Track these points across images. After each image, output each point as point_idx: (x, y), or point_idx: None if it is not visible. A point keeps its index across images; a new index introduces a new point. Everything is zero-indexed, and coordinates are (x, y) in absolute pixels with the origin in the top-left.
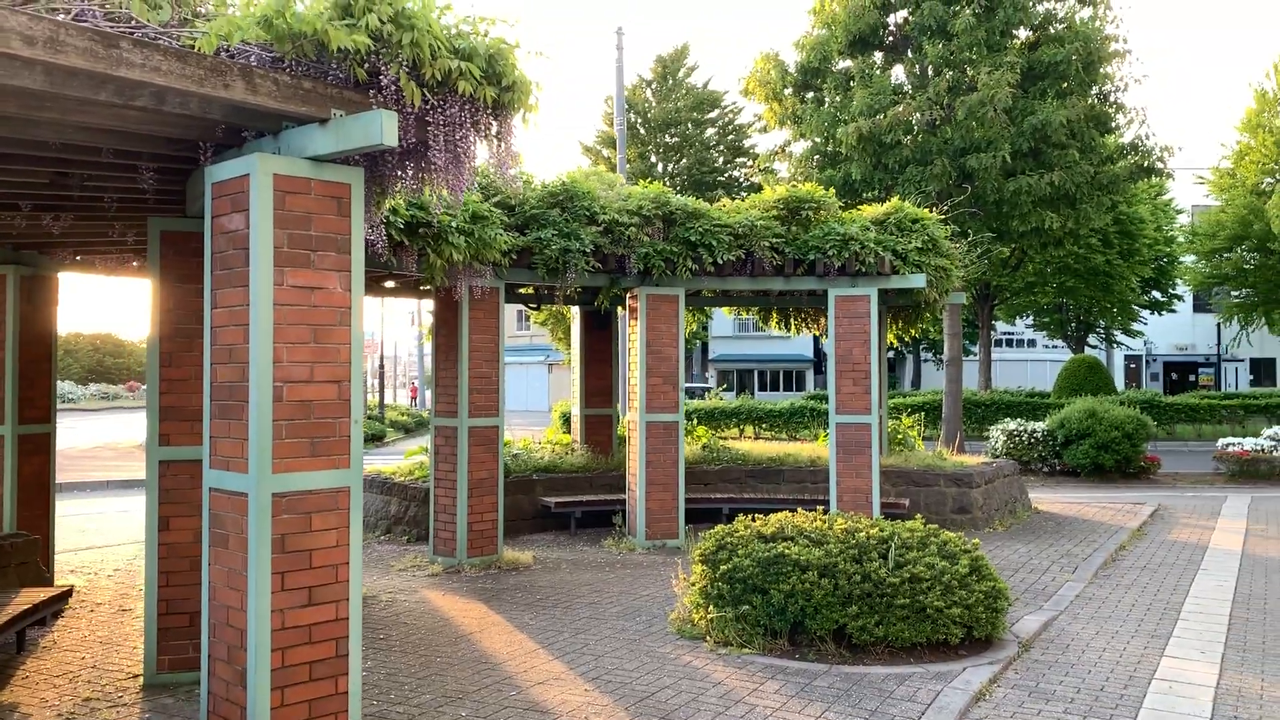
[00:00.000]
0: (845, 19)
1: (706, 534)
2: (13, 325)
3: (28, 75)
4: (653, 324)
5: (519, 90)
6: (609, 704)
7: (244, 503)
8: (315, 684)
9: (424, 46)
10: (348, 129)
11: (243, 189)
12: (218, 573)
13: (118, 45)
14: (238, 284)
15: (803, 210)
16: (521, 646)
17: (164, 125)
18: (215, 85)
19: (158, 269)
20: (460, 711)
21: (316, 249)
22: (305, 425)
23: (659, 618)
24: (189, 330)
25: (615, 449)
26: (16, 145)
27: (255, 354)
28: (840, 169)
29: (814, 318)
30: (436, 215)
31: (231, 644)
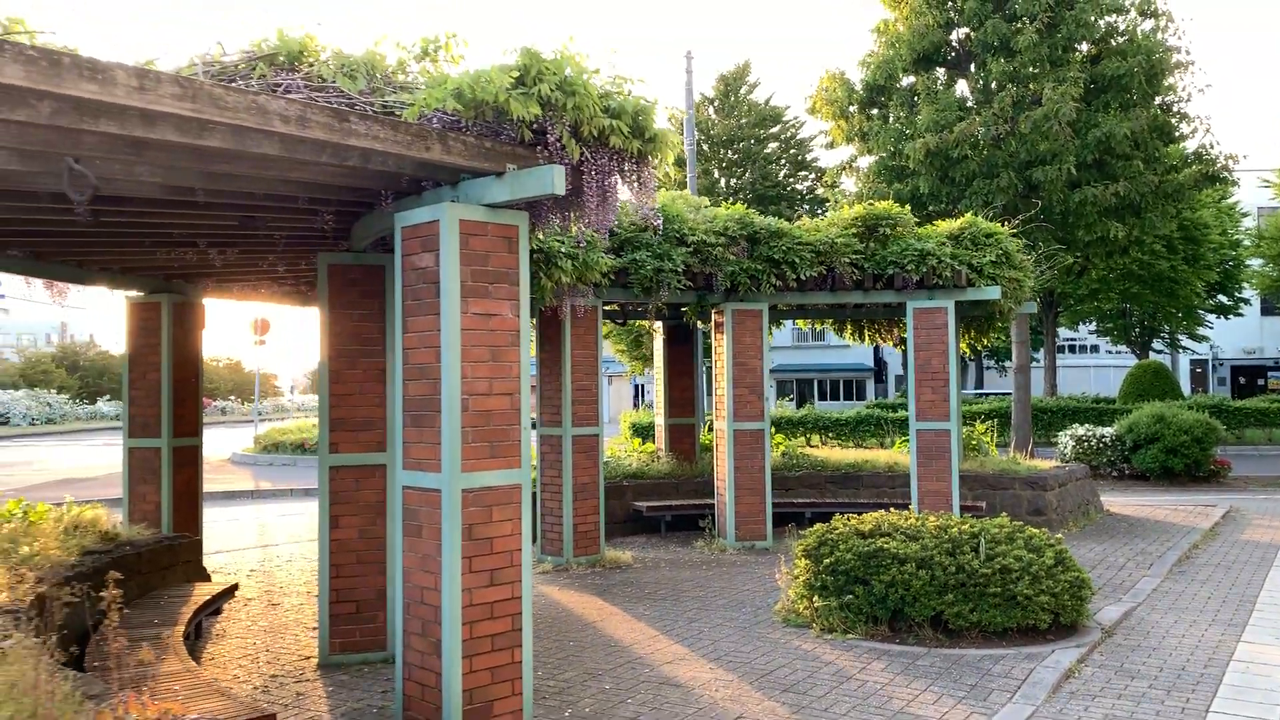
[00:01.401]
0: (909, 38)
1: (808, 532)
2: (166, 348)
3: (269, 144)
4: (738, 337)
5: (659, 142)
6: (734, 679)
7: (437, 498)
8: (496, 654)
9: (584, 109)
10: (522, 181)
11: (433, 232)
12: (411, 559)
13: (348, 119)
14: (428, 312)
15: (880, 227)
16: (642, 633)
17: (358, 178)
18: (418, 148)
19: (326, 298)
20: (604, 685)
21: (493, 282)
22: (486, 431)
23: (763, 609)
24: (352, 351)
25: (698, 456)
26: (228, 195)
27: (446, 371)
28: (908, 183)
29: (887, 329)
30: (547, 241)
31: (426, 619)
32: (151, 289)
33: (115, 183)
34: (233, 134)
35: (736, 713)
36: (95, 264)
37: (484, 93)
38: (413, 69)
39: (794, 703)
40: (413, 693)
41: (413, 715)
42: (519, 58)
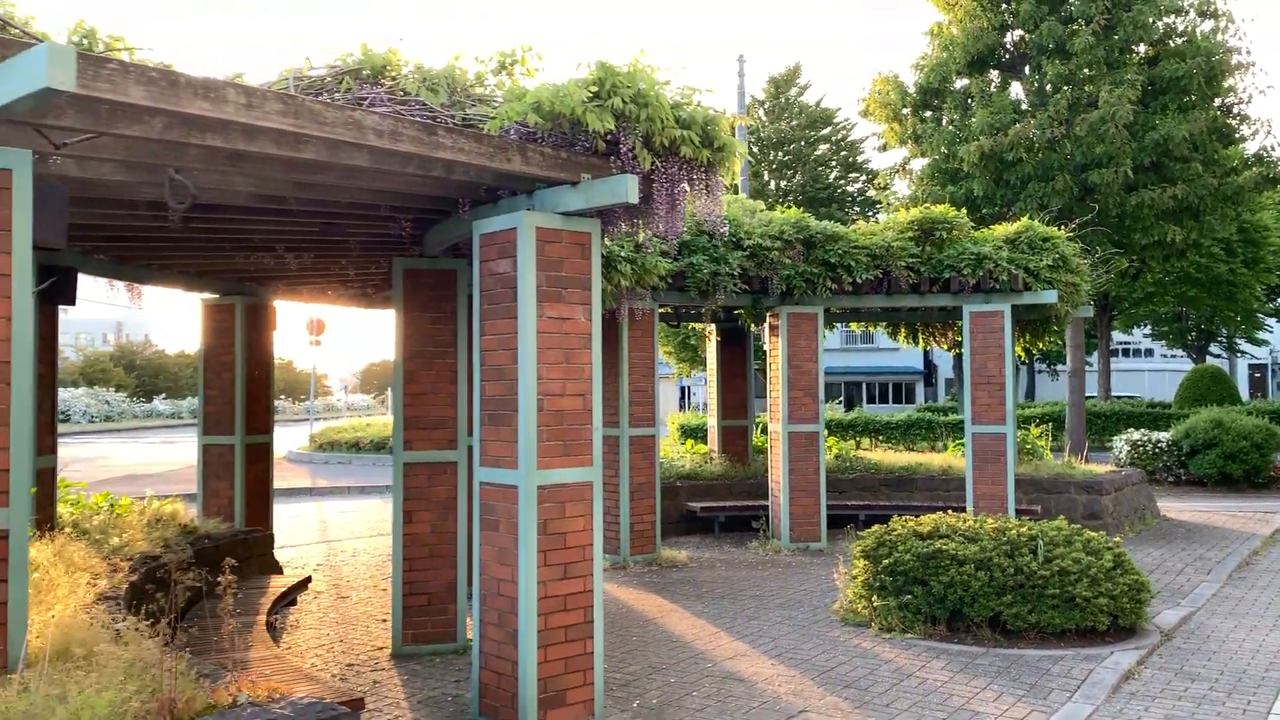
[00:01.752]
0: (964, 40)
1: (865, 533)
2: (240, 348)
3: (360, 156)
4: (793, 340)
5: (727, 151)
6: (796, 675)
7: (514, 494)
8: (570, 644)
9: (656, 120)
10: (596, 190)
11: (511, 239)
12: (489, 552)
13: (435, 133)
14: (505, 316)
15: (936, 231)
16: (703, 629)
17: (438, 187)
18: (500, 160)
19: (401, 302)
20: (668, 678)
21: (566, 287)
22: (560, 430)
23: (821, 608)
24: (425, 352)
25: (751, 458)
26: (313, 203)
27: (522, 373)
28: (961, 186)
29: (942, 331)
30: (608, 246)
31: (503, 610)
32: (225, 291)
33: (209, 191)
34: (327, 147)
35: (800, 707)
36: (175, 267)
37: (562, 105)
38: (489, 82)
39: (855, 698)
40: (489, 681)
41: (489, 703)
42: (594, 71)
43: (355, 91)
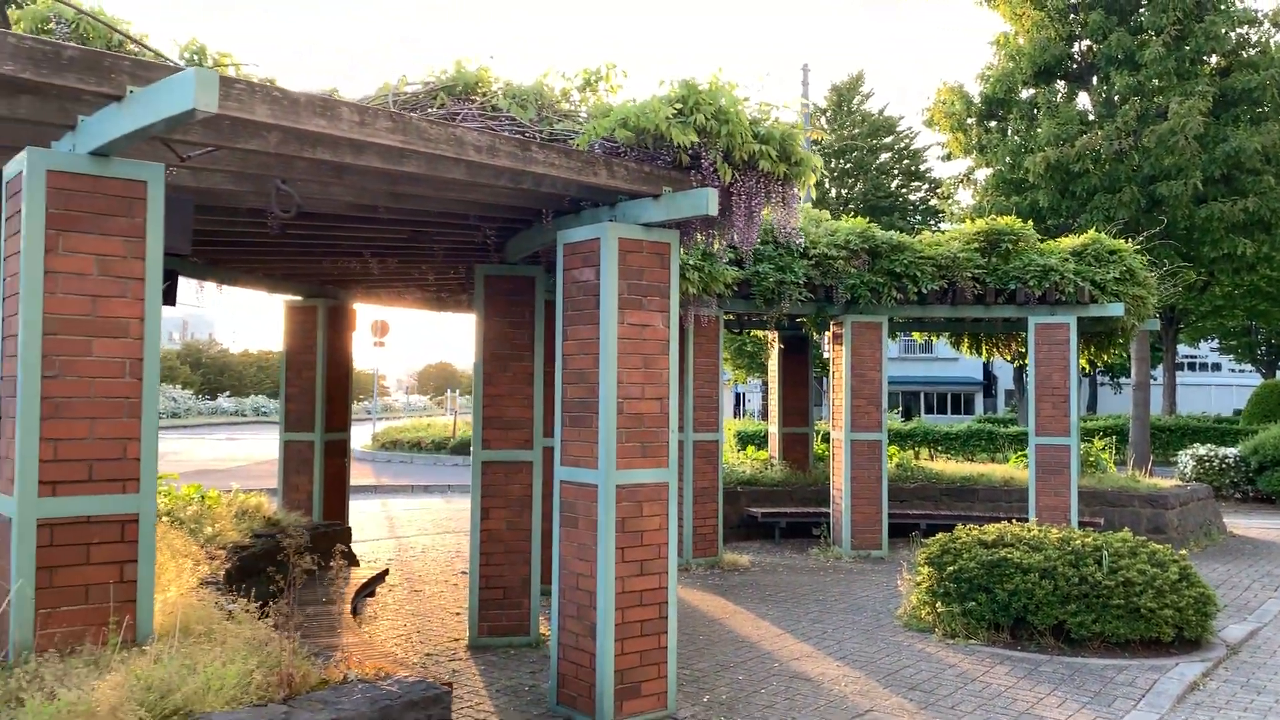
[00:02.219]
0: (1030, 51)
1: (930, 540)
2: (321, 349)
3: (457, 170)
4: (857, 349)
5: (803, 165)
6: (861, 677)
7: (593, 492)
8: (645, 638)
9: (736, 135)
10: (677, 202)
11: (594, 249)
12: (568, 547)
13: (529, 148)
14: (587, 321)
15: (1002, 242)
16: (767, 631)
17: (525, 199)
18: (588, 173)
19: (481, 307)
20: (736, 676)
21: (646, 295)
22: (638, 432)
23: (884, 613)
24: (503, 355)
25: (812, 465)
26: (406, 212)
27: (604, 377)
28: (1026, 196)
29: (1005, 343)
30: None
31: (581, 604)
32: (308, 294)
33: (311, 200)
34: (428, 161)
35: (866, 706)
36: (263, 270)
37: (647, 121)
38: (574, 98)
39: (921, 700)
40: (567, 671)
41: (567, 692)
42: (677, 89)
43: (449, 107)
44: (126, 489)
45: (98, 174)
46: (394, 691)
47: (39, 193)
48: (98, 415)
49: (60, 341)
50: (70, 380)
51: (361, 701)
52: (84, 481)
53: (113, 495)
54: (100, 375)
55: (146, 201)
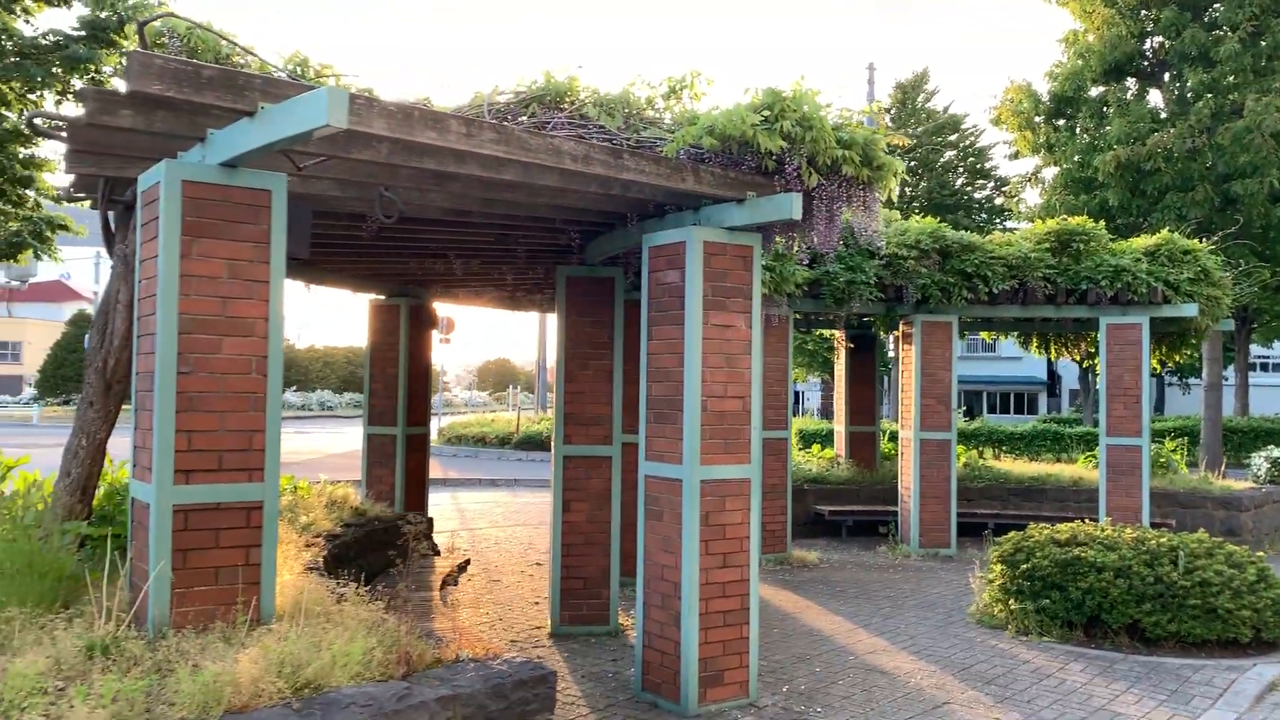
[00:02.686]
0: (1100, 48)
1: (1002, 539)
2: (403, 346)
3: (551, 177)
4: (927, 349)
5: (885, 170)
6: (936, 670)
7: (678, 487)
8: (727, 629)
9: (820, 141)
10: (761, 207)
11: (679, 252)
12: (653, 540)
13: (621, 156)
14: (672, 322)
15: (1074, 242)
16: (840, 626)
17: (611, 204)
18: (676, 180)
19: (563, 307)
20: (813, 668)
21: (729, 296)
22: (721, 430)
23: (956, 610)
24: (583, 354)
25: (878, 464)
26: (496, 216)
27: (688, 375)
28: (1095, 195)
29: (1074, 342)
30: None
31: (666, 594)
32: (391, 293)
33: (409, 206)
34: (524, 169)
35: (943, 699)
36: (350, 270)
37: (734, 129)
38: (659, 105)
39: (996, 694)
40: (651, 659)
41: (652, 679)
42: (761, 96)
43: (539, 116)
44: (252, 478)
45: (227, 183)
46: (504, 671)
47: (175, 202)
48: (227, 409)
49: (194, 340)
50: (203, 376)
51: (475, 679)
52: (214, 470)
53: (239, 484)
54: (230, 371)
55: (271, 209)
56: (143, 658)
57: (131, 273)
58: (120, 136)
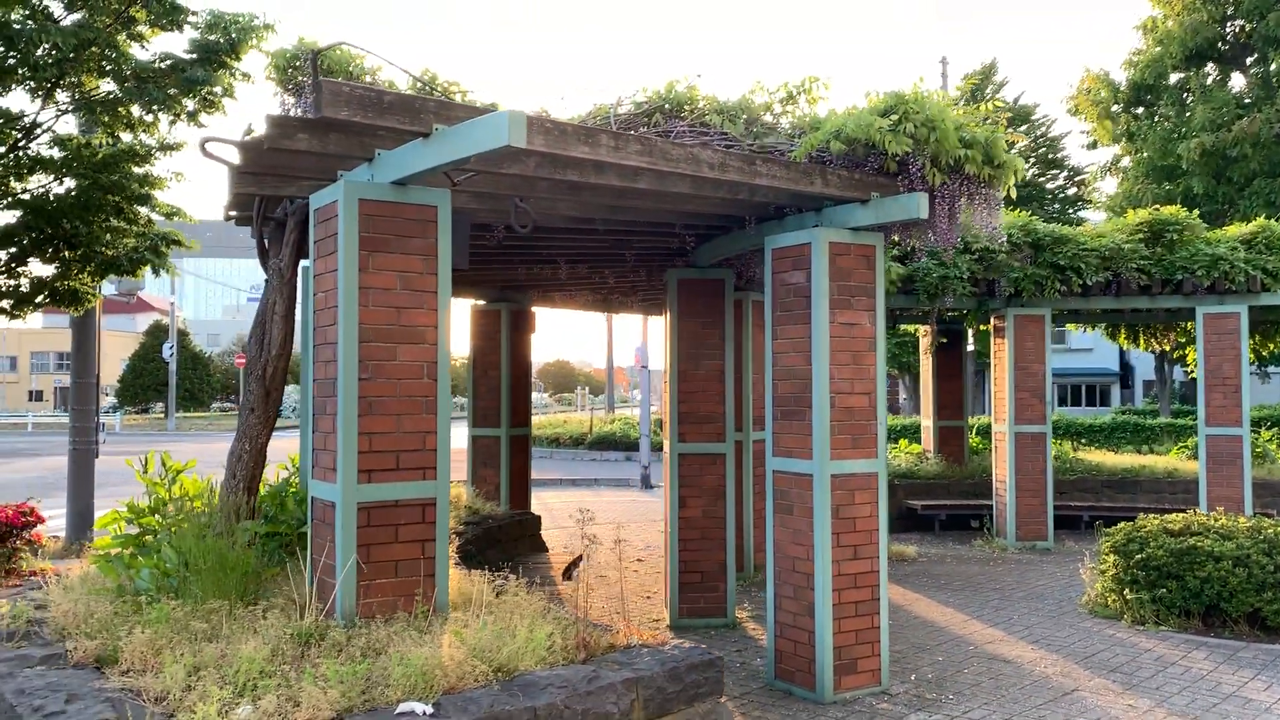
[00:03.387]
0: (1181, 34)
1: (1112, 530)
2: (505, 350)
3: (682, 184)
4: (1020, 342)
5: (1006, 168)
6: (1058, 659)
7: (809, 481)
8: (859, 618)
9: (943, 142)
10: (886, 207)
11: (804, 253)
12: (783, 533)
13: (754, 163)
14: (798, 321)
15: (1167, 232)
16: (953, 617)
17: (733, 207)
18: (804, 183)
19: (675, 309)
20: (935, 657)
21: (854, 295)
22: (848, 425)
23: (1065, 601)
24: (696, 354)
25: (967, 458)
26: (617, 223)
27: (816, 373)
28: (1179, 183)
29: (1164, 333)
30: None
31: (798, 585)
32: (491, 298)
33: (540, 216)
34: (658, 178)
35: (1071, 686)
36: (457, 276)
37: (861, 132)
38: (776, 110)
39: (1123, 681)
40: (784, 648)
41: (784, 668)
42: (885, 99)
43: (662, 125)
44: (426, 476)
45: (399, 200)
46: (677, 655)
47: (353, 219)
48: (403, 412)
49: (373, 348)
50: (381, 381)
51: (652, 663)
52: (393, 470)
53: (415, 482)
54: (404, 377)
55: (437, 224)
56: (347, 644)
57: (286, 285)
58: (288, 158)
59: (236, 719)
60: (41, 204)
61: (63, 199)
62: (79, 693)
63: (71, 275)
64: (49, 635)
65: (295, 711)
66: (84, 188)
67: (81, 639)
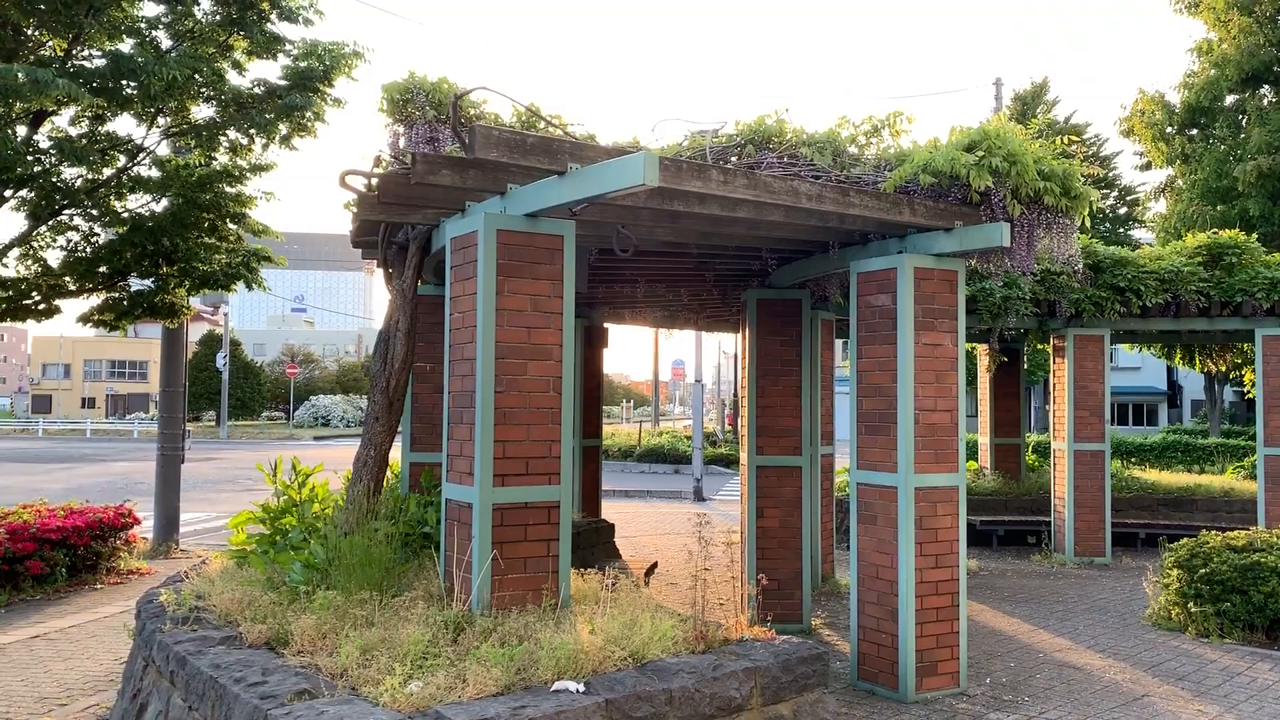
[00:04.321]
0: (1237, 57)
1: (1176, 545)
2: (580, 364)
3: (777, 214)
4: (1079, 361)
5: (1081, 200)
6: (1126, 667)
7: (893, 493)
8: (940, 624)
9: (1024, 175)
10: (970, 235)
11: (890, 277)
12: (867, 542)
13: (848, 194)
14: (883, 342)
15: (1226, 255)
16: (1019, 627)
17: (818, 234)
18: (893, 213)
19: (753, 327)
20: (1008, 663)
21: (937, 317)
22: (931, 440)
23: (1128, 614)
24: (773, 371)
25: (1024, 475)
26: (706, 248)
27: (901, 391)
28: (1234, 205)
29: (1220, 353)
30: None
31: (882, 592)
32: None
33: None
34: (757, 208)
35: (1141, 692)
36: None
37: (948, 166)
38: (860, 142)
39: (1191, 689)
40: (867, 651)
41: (867, 669)
42: (969, 134)
43: (753, 156)
44: (551, 481)
45: (531, 231)
46: (788, 648)
47: (492, 248)
48: (532, 422)
49: (507, 364)
50: (514, 395)
51: (767, 654)
52: (523, 475)
53: (542, 486)
54: (533, 390)
55: (563, 251)
56: (493, 631)
57: (409, 304)
58: (422, 190)
59: (410, 693)
60: (142, 221)
61: (161, 217)
62: (269, 667)
63: (170, 289)
64: (214, 620)
65: (464, 687)
66: (180, 206)
67: (250, 623)
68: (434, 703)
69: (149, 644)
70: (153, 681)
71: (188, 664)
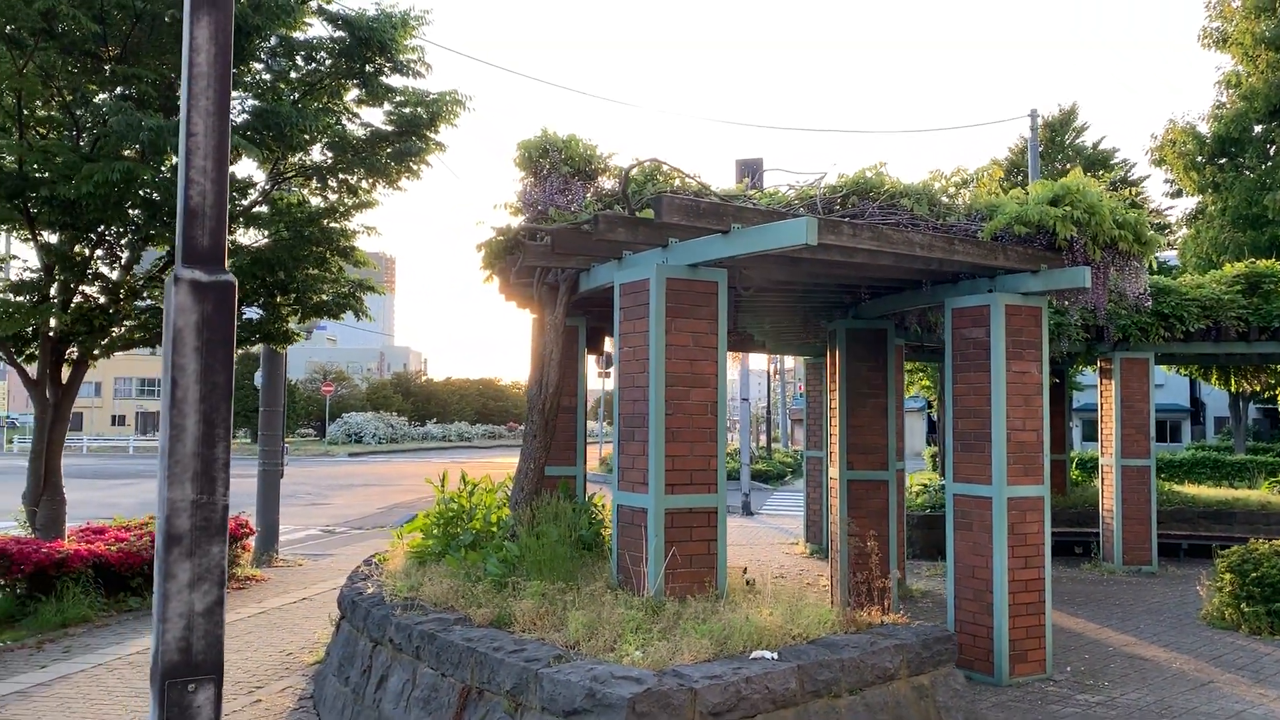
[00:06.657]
0: (1265, 91)
1: (1228, 551)
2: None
3: (887, 259)
4: (1126, 382)
5: (1150, 245)
6: (1188, 659)
7: (987, 503)
8: (1028, 617)
9: (1102, 224)
10: (1055, 278)
11: (982, 313)
12: (963, 545)
13: (954, 243)
14: (976, 369)
15: (1263, 283)
16: (1085, 626)
17: (913, 274)
18: (990, 258)
19: (843, 353)
20: (1083, 655)
21: (1024, 348)
22: (1020, 457)
23: (1183, 615)
24: (861, 393)
25: (1069, 489)
26: (814, 286)
27: (995, 413)
28: (1265, 232)
29: (1254, 374)
30: None
31: (977, 589)
32: None
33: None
34: (872, 254)
35: (1206, 679)
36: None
37: (1037, 217)
38: (951, 193)
39: (1251, 676)
40: (964, 641)
41: (964, 658)
42: (1053, 188)
43: (855, 205)
44: (710, 490)
45: (691, 278)
46: (924, 630)
47: (661, 293)
48: (694, 440)
49: (674, 391)
50: (679, 416)
51: (909, 634)
52: (687, 484)
53: (702, 494)
54: (695, 413)
55: (718, 295)
56: (680, 614)
57: (562, 336)
58: (592, 243)
59: (638, 658)
60: (259, 254)
61: (275, 251)
62: (514, 640)
63: (283, 318)
64: (429, 607)
65: (681, 655)
66: (288, 241)
67: (471, 608)
68: (665, 665)
69: (381, 626)
70: (390, 656)
71: (437, 639)
